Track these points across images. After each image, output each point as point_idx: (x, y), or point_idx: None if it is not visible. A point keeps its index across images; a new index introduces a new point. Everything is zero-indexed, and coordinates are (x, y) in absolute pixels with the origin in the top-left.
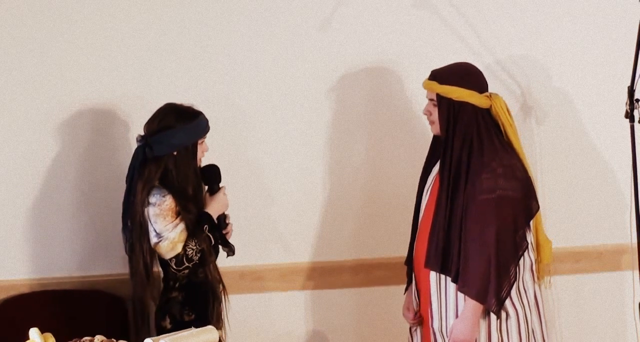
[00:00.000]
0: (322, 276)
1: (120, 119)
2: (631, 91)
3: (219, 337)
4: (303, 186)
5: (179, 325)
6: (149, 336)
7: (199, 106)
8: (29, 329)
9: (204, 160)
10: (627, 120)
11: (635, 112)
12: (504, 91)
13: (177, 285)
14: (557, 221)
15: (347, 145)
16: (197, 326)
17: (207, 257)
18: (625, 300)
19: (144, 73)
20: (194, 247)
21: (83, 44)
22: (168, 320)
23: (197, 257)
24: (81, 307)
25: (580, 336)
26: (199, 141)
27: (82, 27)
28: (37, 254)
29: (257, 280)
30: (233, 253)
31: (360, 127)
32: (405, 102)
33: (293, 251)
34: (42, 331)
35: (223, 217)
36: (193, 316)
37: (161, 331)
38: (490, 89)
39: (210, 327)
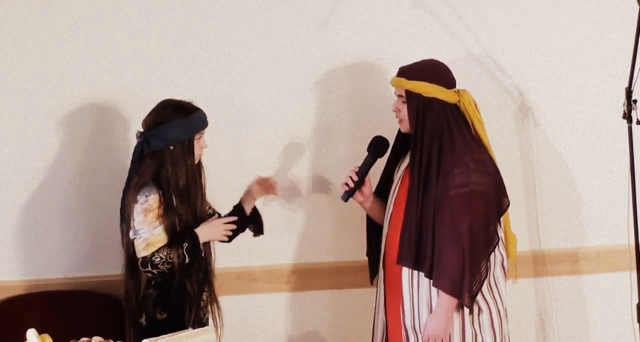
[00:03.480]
0: (319, 277)
1: (120, 119)
2: (629, 92)
3: None
4: (305, 186)
5: (153, 323)
6: (133, 332)
7: (199, 106)
8: (26, 330)
9: (203, 157)
10: (625, 121)
11: (633, 113)
12: (502, 92)
13: (153, 282)
14: (556, 222)
15: (347, 145)
16: (169, 325)
17: (179, 272)
18: (623, 301)
19: (144, 73)
20: (164, 257)
21: (83, 44)
22: (144, 317)
23: (165, 268)
24: (78, 308)
25: (578, 337)
26: (196, 137)
27: (82, 27)
28: (33, 255)
29: (254, 281)
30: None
31: (360, 127)
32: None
33: (291, 252)
34: (40, 332)
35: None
36: (165, 315)
37: (138, 327)
38: (488, 89)
39: (208, 327)
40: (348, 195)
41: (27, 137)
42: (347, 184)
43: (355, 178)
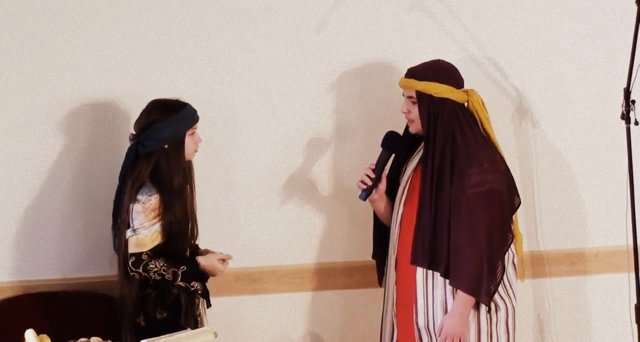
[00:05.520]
0: (318, 278)
1: (119, 119)
2: (627, 93)
3: None
4: (302, 187)
5: (152, 322)
6: (131, 333)
7: (198, 106)
8: (24, 331)
9: (196, 160)
10: (623, 122)
11: (631, 114)
12: (500, 93)
13: (151, 282)
14: (554, 223)
15: (345, 146)
16: (169, 325)
17: (162, 285)
18: (621, 302)
19: (143, 73)
20: (158, 268)
21: (83, 44)
22: (142, 317)
23: (154, 276)
24: (77, 309)
25: (577, 338)
26: (188, 132)
27: (82, 27)
28: (31, 256)
29: (252, 282)
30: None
31: (359, 127)
32: (402, 102)
33: (289, 252)
34: (38, 333)
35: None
36: (165, 314)
37: (136, 327)
38: (487, 90)
39: (206, 328)
40: (366, 193)
41: (25, 138)
42: (364, 182)
43: (373, 175)
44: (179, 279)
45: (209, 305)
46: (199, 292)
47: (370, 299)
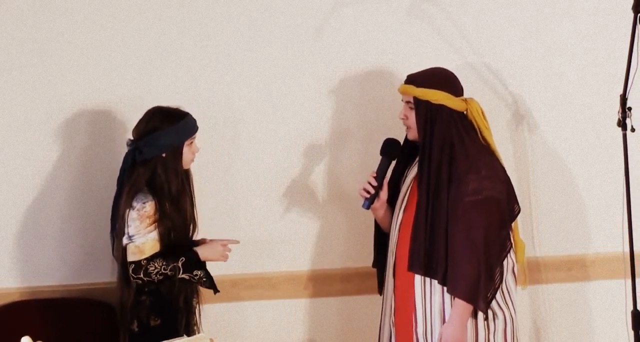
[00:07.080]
0: (315, 284)
1: (120, 120)
2: (623, 99)
3: None
4: (301, 189)
5: (146, 329)
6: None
7: (198, 106)
8: (20, 337)
9: (196, 161)
10: (620, 128)
11: (628, 121)
12: (496, 99)
13: (146, 289)
14: (550, 229)
15: (345, 147)
16: (163, 332)
17: (168, 284)
18: (617, 308)
19: (143, 74)
20: (158, 268)
21: (83, 45)
22: (136, 323)
23: (157, 278)
24: (73, 315)
25: None
26: (187, 142)
27: (82, 27)
28: (28, 263)
29: (249, 288)
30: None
31: (359, 128)
32: (401, 107)
33: (286, 259)
34: (34, 339)
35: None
36: (159, 321)
37: (130, 334)
38: (483, 96)
39: (202, 335)
40: (369, 202)
41: (22, 142)
42: (367, 191)
43: (375, 183)
44: (181, 271)
45: (216, 291)
46: (204, 279)
47: (368, 306)
